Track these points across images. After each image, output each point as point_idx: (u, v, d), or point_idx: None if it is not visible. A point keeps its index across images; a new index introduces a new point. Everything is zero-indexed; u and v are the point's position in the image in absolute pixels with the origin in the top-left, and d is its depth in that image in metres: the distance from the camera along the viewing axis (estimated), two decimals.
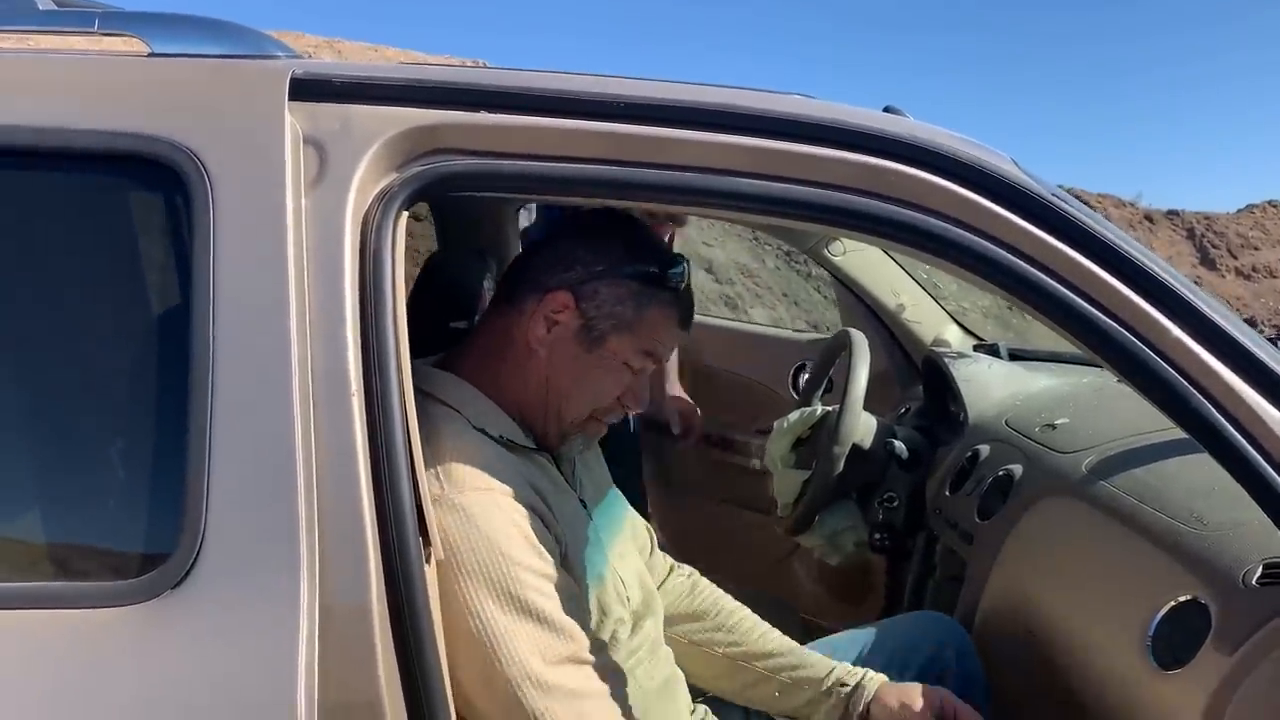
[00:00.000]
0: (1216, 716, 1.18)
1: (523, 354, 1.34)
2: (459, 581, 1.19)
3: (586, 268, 1.32)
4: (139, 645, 1.01)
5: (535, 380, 1.34)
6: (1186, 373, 1.12)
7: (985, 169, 1.15)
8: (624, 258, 1.33)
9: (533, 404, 1.35)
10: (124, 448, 1.09)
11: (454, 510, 1.20)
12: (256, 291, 1.07)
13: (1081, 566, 1.57)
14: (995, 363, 2.37)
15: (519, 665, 1.18)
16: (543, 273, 1.34)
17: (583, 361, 1.34)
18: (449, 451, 1.24)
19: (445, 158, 1.14)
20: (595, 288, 1.32)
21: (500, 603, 1.19)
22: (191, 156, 1.09)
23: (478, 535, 1.20)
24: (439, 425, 1.27)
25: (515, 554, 1.21)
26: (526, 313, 1.33)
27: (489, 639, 1.18)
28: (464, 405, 1.30)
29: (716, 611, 1.63)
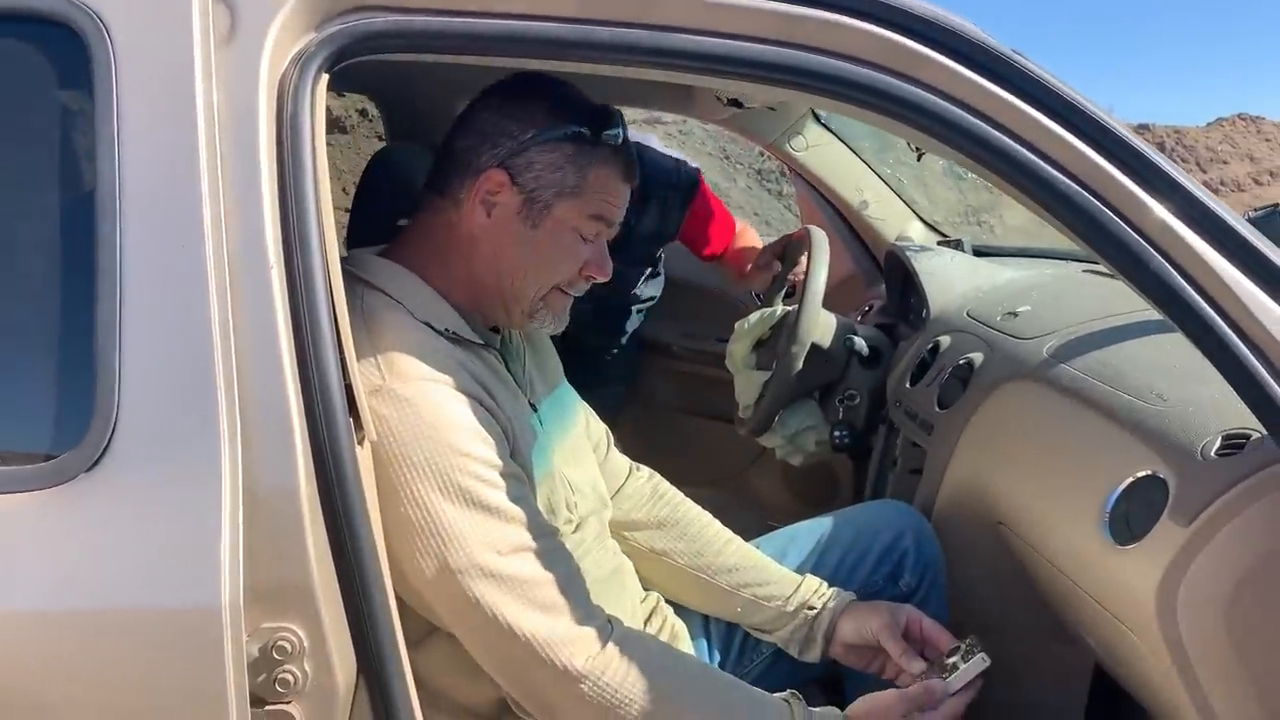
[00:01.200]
0: (1171, 588, 1.17)
1: (466, 243, 1.28)
2: (404, 474, 1.15)
3: (514, 139, 1.25)
4: (54, 530, 0.97)
5: (485, 267, 1.29)
6: (1150, 237, 1.09)
7: (951, 28, 1.09)
8: (552, 120, 1.26)
9: (487, 291, 1.30)
10: (31, 326, 1.03)
11: (397, 401, 1.16)
12: (165, 160, 1.01)
13: (1041, 449, 1.54)
14: (959, 256, 2.33)
15: (466, 555, 1.14)
16: (469, 155, 1.27)
17: (531, 238, 1.28)
18: (391, 342, 1.19)
19: (367, 15, 1.07)
20: (528, 159, 1.25)
21: (446, 494, 1.15)
22: (90, 14, 1.02)
23: (421, 426, 1.15)
24: (380, 315, 1.22)
25: (460, 444, 1.16)
26: (462, 200, 1.27)
27: (436, 530, 1.15)
28: (406, 297, 1.25)
29: (678, 520, 1.58)
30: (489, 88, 1.32)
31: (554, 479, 1.35)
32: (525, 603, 1.15)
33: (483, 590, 1.15)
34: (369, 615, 1.03)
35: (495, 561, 1.15)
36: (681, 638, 1.53)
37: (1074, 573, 1.36)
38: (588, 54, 1.09)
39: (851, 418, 2.22)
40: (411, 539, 1.15)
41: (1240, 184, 14.73)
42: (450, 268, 1.29)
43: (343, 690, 1.02)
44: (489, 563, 1.15)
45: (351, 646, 1.03)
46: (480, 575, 1.15)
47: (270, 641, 0.99)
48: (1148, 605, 1.18)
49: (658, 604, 1.54)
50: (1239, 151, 15.53)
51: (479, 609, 1.15)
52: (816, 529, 1.64)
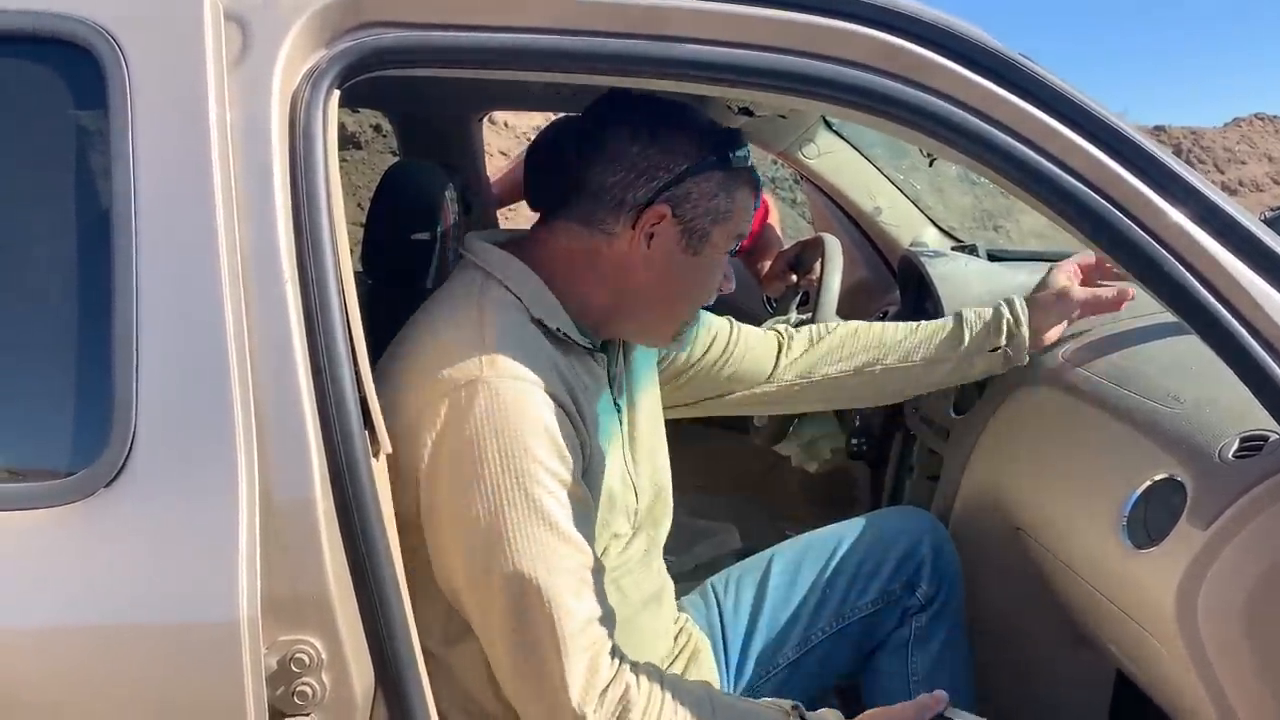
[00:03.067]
0: (1191, 591, 1.16)
1: (614, 270, 1.29)
2: (476, 468, 1.13)
3: (670, 172, 1.26)
4: (74, 546, 0.98)
5: (636, 294, 1.31)
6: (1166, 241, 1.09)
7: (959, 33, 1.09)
8: (700, 150, 1.28)
9: (629, 315, 1.33)
10: (48, 343, 1.04)
11: (490, 394, 1.14)
12: (179, 178, 1.02)
13: (1057, 453, 1.54)
14: (973, 261, 2.32)
15: (515, 563, 1.13)
16: (621, 190, 1.26)
17: (692, 265, 1.31)
18: (500, 336, 1.19)
19: (377, 31, 1.08)
20: (685, 190, 1.27)
21: (514, 498, 1.13)
22: (106, 36, 1.03)
23: (507, 425, 1.14)
24: (496, 309, 1.22)
25: (541, 454, 1.15)
26: (615, 233, 1.28)
27: (493, 530, 1.13)
28: (525, 294, 1.25)
29: (839, 347, 1.70)
30: (621, 118, 1.29)
31: (618, 489, 1.34)
32: (557, 628, 1.13)
33: (520, 603, 1.13)
34: (386, 627, 1.03)
35: (543, 578, 1.13)
36: (704, 652, 1.53)
37: (1092, 577, 1.36)
38: (597, 66, 1.10)
39: (867, 425, 2.22)
40: (465, 533, 1.14)
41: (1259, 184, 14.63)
42: (582, 285, 1.30)
43: (361, 702, 1.03)
44: (536, 577, 1.13)
45: (369, 658, 1.03)
46: (523, 587, 1.13)
47: (288, 654, 1.00)
48: (1167, 609, 1.18)
49: (685, 623, 1.54)
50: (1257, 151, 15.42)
51: (510, 619, 1.14)
52: (833, 536, 1.64)
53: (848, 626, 1.56)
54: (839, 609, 1.56)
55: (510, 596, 1.13)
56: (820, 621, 1.55)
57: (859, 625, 1.56)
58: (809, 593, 1.57)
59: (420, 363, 1.20)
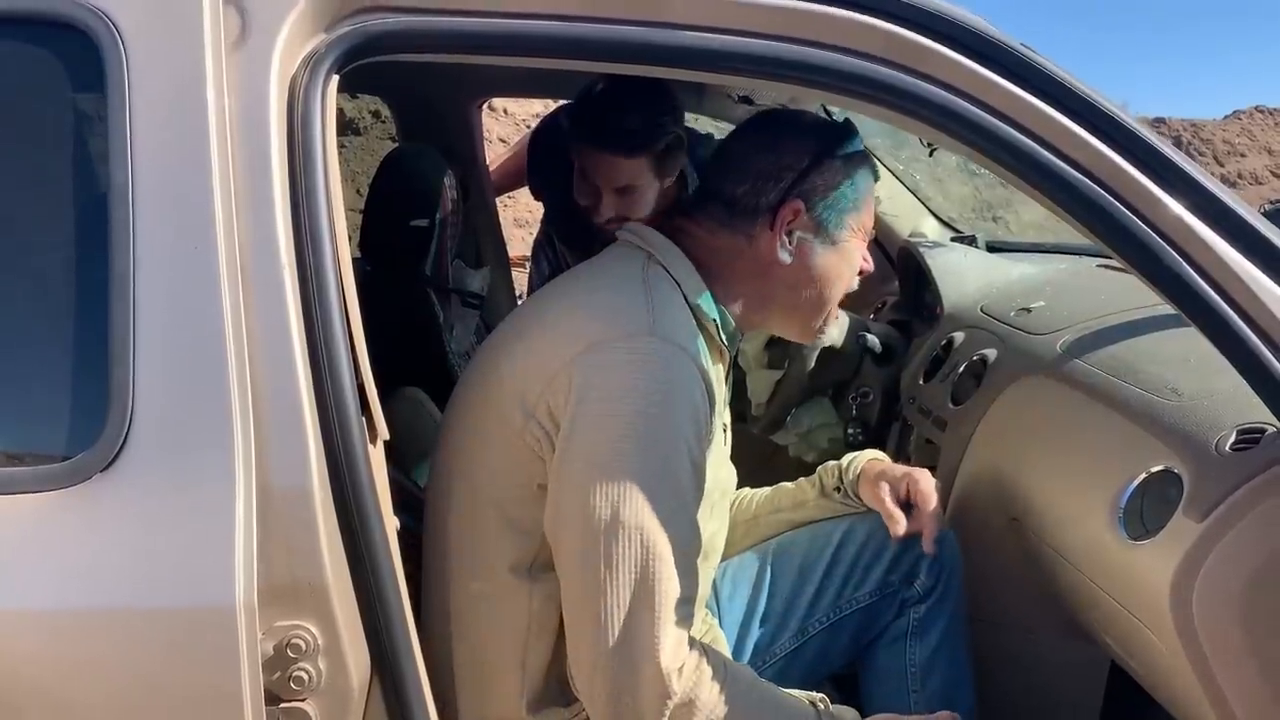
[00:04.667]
0: (1186, 583, 1.16)
1: (760, 269, 1.33)
2: (625, 416, 1.14)
3: (795, 170, 1.31)
4: (71, 530, 0.98)
5: (785, 289, 1.35)
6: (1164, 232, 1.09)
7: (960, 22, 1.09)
8: (818, 144, 1.32)
9: (779, 309, 1.37)
10: (46, 328, 1.04)
11: (648, 351, 1.17)
12: (177, 162, 1.01)
13: (1055, 445, 1.54)
14: (972, 252, 2.32)
15: (637, 516, 1.13)
16: (754, 196, 1.31)
17: (832, 255, 1.35)
18: (664, 307, 1.22)
19: (377, 16, 1.07)
20: (813, 184, 1.31)
21: (652, 456, 1.15)
22: (103, 18, 1.02)
23: (660, 387, 1.16)
24: (660, 285, 1.26)
25: (683, 424, 1.17)
26: (755, 235, 1.32)
27: (626, 482, 1.13)
28: (684, 281, 1.29)
29: None
30: (740, 131, 1.37)
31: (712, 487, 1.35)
32: (658, 591, 1.14)
33: (631, 556, 1.13)
34: (383, 613, 1.04)
35: (658, 539, 1.14)
36: (720, 640, 1.53)
37: (1088, 568, 1.36)
38: (598, 53, 1.09)
39: (865, 415, 2.22)
40: (596, 478, 1.14)
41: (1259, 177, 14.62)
42: (732, 280, 1.33)
43: (357, 687, 1.03)
44: (652, 536, 1.13)
45: (365, 644, 1.04)
46: (638, 542, 1.13)
47: (285, 640, 1.00)
48: (1162, 600, 1.18)
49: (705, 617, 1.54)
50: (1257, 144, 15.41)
51: (616, 568, 1.13)
52: (831, 528, 1.63)
53: (845, 617, 1.56)
54: (836, 599, 1.56)
55: (623, 547, 1.13)
56: (818, 612, 1.55)
57: (857, 616, 1.56)
58: (806, 583, 1.56)
59: (587, 310, 1.23)
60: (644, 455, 1.15)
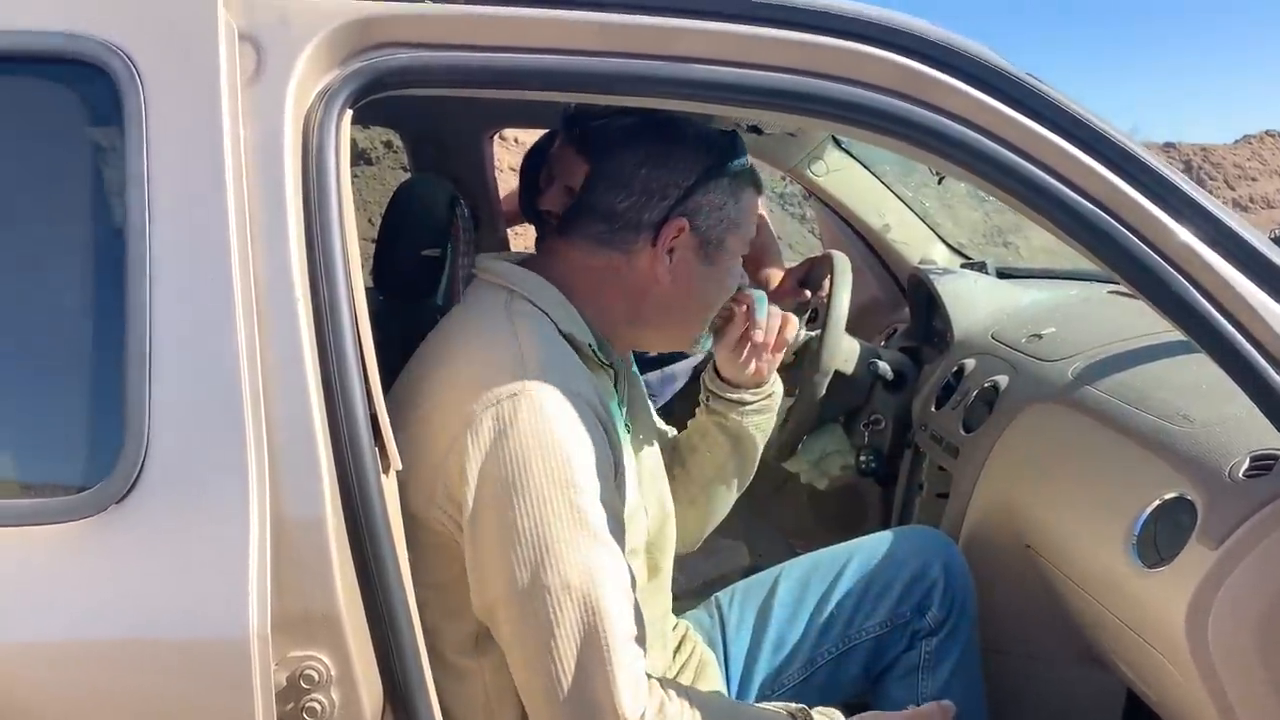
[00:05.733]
0: (1202, 611, 1.15)
1: (637, 286, 1.31)
2: (521, 479, 1.12)
3: (679, 188, 1.28)
4: (85, 561, 0.98)
5: (658, 306, 1.33)
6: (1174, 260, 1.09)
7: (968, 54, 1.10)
8: (703, 160, 1.29)
9: (650, 326, 1.35)
10: (61, 360, 1.05)
11: (533, 405, 1.14)
12: (194, 196, 1.02)
13: (1068, 472, 1.53)
14: (982, 278, 2.33)
15: (562, 575, 1.11)
16: (636, 211, 1.28)
17: (710, 274, 1.34)
18: (536, 349, 1.20)
19: (389, 51, 1.08)
20: (697, 203, 1.29)
21: (559, 509, 1.12)
22: (122, 56, 1.04)
23: (551, 435, 1.13)
24: (526, 322, 1.23)
25: (583, 463, 1.15)
26: (635, 252, 1.29)
27: (539, 542, 1.11)
28: (552, 309, 1.26)
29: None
30: (621, 141, 1.29)
31: (636, 502, 1.34)
32: (605, 641, 1.12)
33: (567, 615, 1.11)
34: (395, 644, 1.04)
35: (590, 589, 1.12)
36: (710, 664, 1.52)
37: (1103, 596, 1.35)
38: (609, 86, 1.10)
39: (877, 442, 2.21)
40: (509, 546, 1.12)
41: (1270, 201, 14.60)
42: (603, 299, 1.31)
43: (370, 718, 1.03)
44: (583, 588, 1.11)
45: (378, 675, 1.04)
46: (570, 598, 1.11)
47: (298, 670, 1.00)
48: (1178, 629, 1.17)
49: (687, 632, 1.53)
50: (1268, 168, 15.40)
51: (554, 631, 1.11)
52: (842, 556, 1.63)
53: (855, 648, 1.55)
54: (846, 630, 1.55)
55: (556, 608, 1.11)
56: (827, 642, 1.54)
57: (866, 647, 1.55)
58: (815, 612, 1.56)
59: (458, 378, 1.20)
60: (550, 511, 1.12)
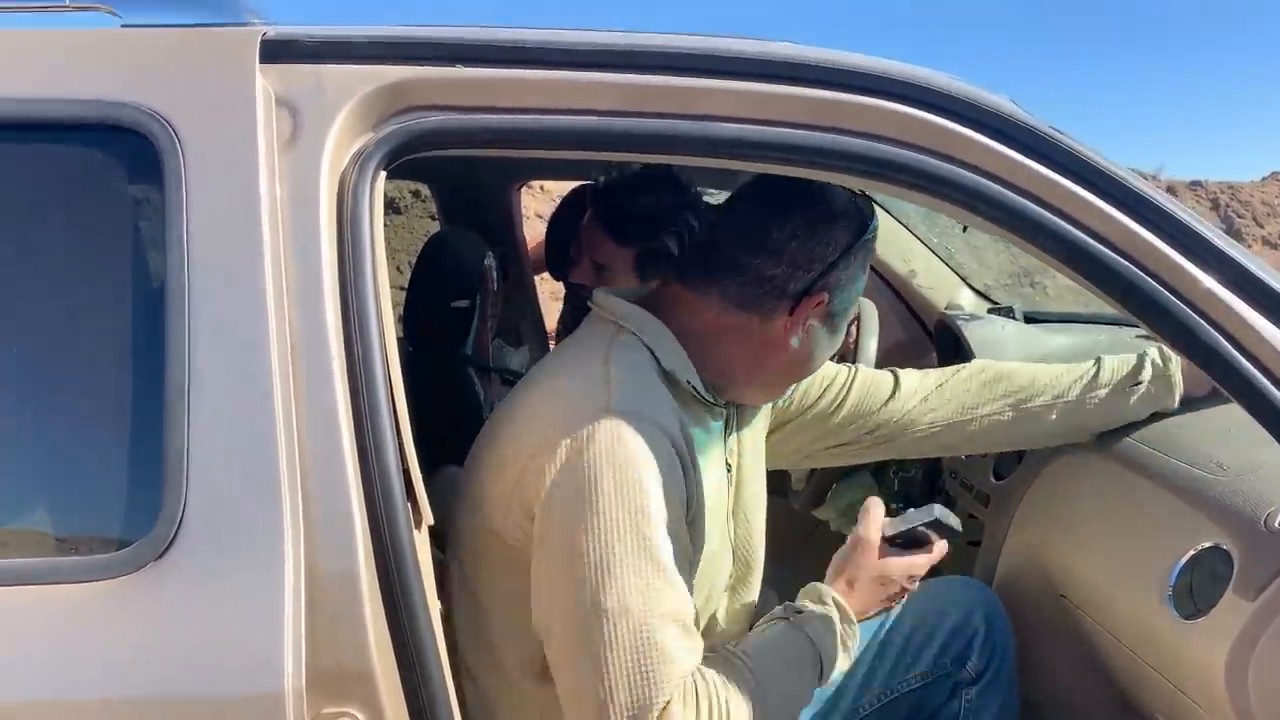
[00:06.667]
0: (1241, 663, 1.14)
1: (764, 348, 1.32)
2: (593, 497, 1.13)
3: (824, 262, 1.30)
4: (124, 619, 0.99)
5: (778, 365, 1.35)
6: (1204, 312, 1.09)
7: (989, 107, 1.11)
8: (849, 236, 1.31)
9: (763, 381, 1.37)
10: (101, 420, 1.07)
11: (611, 429, 1.15)
12: (231, 256, 1.05)
13: (1100, 520, 1.52)
14: (1009, 324, 2.32)
15: (621, 600, 1.11)
16: (783, 281, 1.29)
17: (830, 340, 1.36)
18: (622, 378, 1.22)
19: (421, 114, 1.11)
20: (838, 277, 1.31)
21: (627, 532, 1.13)
22: (162, 122, 1.07)
23: (625, 459, 1.15)
24: (622, 354, 1.25)
25: (655, 494, 1.16)
26: (774, 318, 1.31)
27: (603, 564, 1.12)
28: (658, 346, 1.28)
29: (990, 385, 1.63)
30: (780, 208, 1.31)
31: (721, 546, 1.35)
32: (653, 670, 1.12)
33: (622, 639, 1.12)
34: (428, 699, 1.04)
35: (645, 616, 1.12)
36: None
37: (1139, 647, 1.34)
38: (634, 146, 1.13)
39: (907, 490, 2.20)
40: (573, 564, 1.13)
41: None
42: (725, 356, 1.32)
43: None
44: (639, 614, 1.12)
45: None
46: (625, 624, 1.11)
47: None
48: (1217, 681, 1.16)
49: None
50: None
51: (606, 654, 1.12)
52: None
53: (898, 699, 1.53)
54: (888, 680, 1.53)
55: (611, 631, 1.12)
56: (869, 694, 1.52)
57: (909, 698, 1.53)
58: (858, 663, 1.53)
59: (546, 401, 1.23)
60: (616, 535, 1.13)
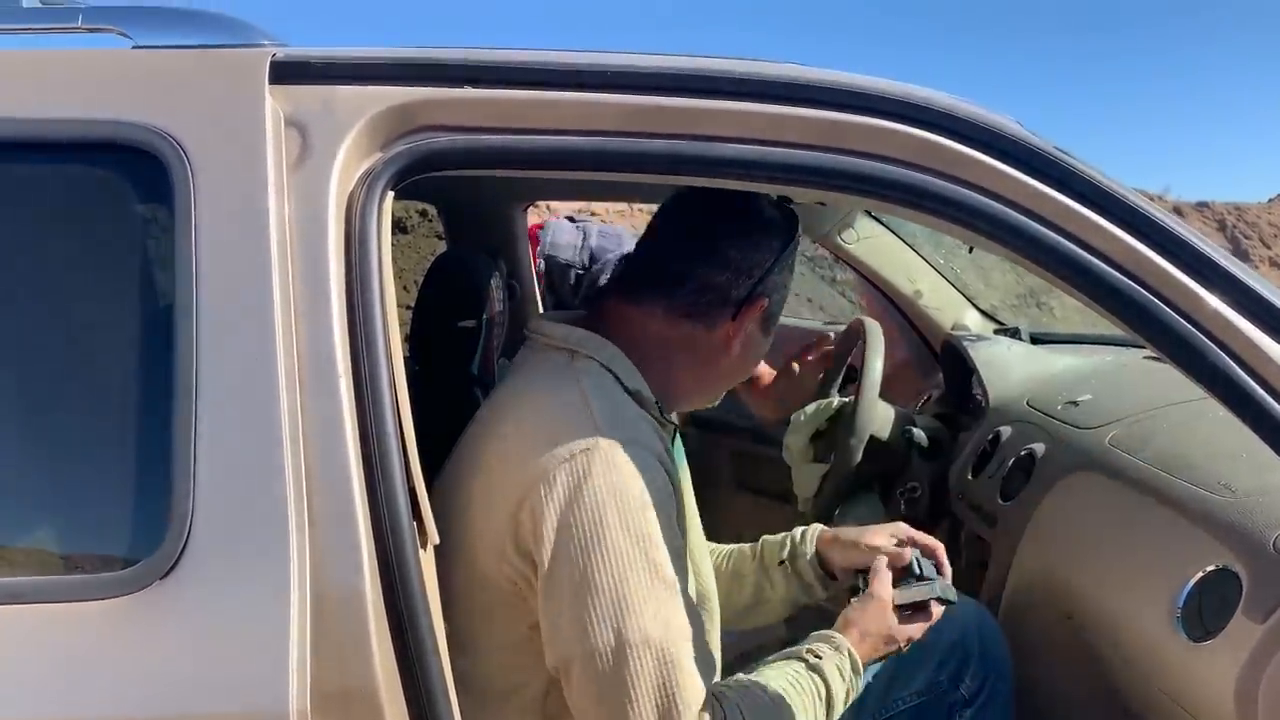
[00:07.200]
0: (1251, 686, 1.13)
1: (707, 355, 1.35)
2: (599, 530, 1.14)
3: (762, 266, 1.33)
4: (130, 636, 0.99)
5: (717, 372, 1.37)
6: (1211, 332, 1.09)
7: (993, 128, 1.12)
8: (783, 240, 1.35)
9: (702, 388, 1.39)
10: (108, 438, 1.07)
11: (606, 460, 1.16)
12: (240, 275, 1.05)
13: (1108, 541, 1.51)
14: (1015, 344, 2.32)
15: (645, 629, 1.12)
16: (726, 288, 1.32)
17: (764, 343, 1.40)
18: (605, 406, 1.22)
19: (429, 135, 1.12)
20: (774, 281, 1.35)
21: (638, 560, 1.14)
22: (172, 142, 1.08)
23: (625, 489, 1.15)
24: (591, 380, 1.25)
25: (656, 516, 1.17)
26: (717, 324, 1.33)
27: (619, 597, 1.13)
28: (616, 367, 1.28)
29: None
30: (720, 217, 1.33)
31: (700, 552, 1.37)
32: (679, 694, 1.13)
33: (646, 669, 1.13)
34: (433, 719, 1.04)
35: (665, 643, 1.13)
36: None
37: (1148, 669, 1.33)
38: (639, 166, 1.13)
39: (913, 511, 2.19)
40: (586, 601, 1.13)
41: None
42: (670, 367, 1.33)
43: None
44: (660, 642, 1.13)
45: None
46: (649, 653, 1.12)
47: None
48: (1226, 704, 1.15)
49: None
50: None
51: (634, 685, 1.12)
52: None
53: (892, 717, 1.53)
54: (883, 699, 1.53)
55: (636, 663, 1.12)
56: (864, 714, 1.52)
57: (903, 717, 1.53)
58: None
59: (528, 437, 1.21)
60: (627, 566, 1.13)
